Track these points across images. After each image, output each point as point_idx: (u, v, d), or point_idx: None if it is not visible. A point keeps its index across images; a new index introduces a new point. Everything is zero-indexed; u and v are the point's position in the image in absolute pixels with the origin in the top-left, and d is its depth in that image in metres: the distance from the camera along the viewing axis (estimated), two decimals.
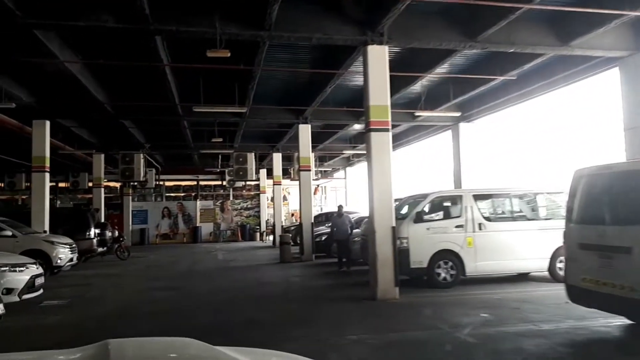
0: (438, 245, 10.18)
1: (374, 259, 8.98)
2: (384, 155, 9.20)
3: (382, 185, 9.13)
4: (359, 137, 22.84)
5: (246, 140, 21.77)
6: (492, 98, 15.36)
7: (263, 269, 14.87)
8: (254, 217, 31.48)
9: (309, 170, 16.92)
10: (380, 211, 9.06)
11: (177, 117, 16.05)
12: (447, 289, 10.00)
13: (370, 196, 9.22)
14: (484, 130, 17.60)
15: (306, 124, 16.78)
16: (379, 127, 9.20)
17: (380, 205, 9.08)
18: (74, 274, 14.07)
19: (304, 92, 15.09)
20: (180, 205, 30.47)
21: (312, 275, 12.85)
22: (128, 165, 21.12)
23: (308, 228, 16.52)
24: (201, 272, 14.62)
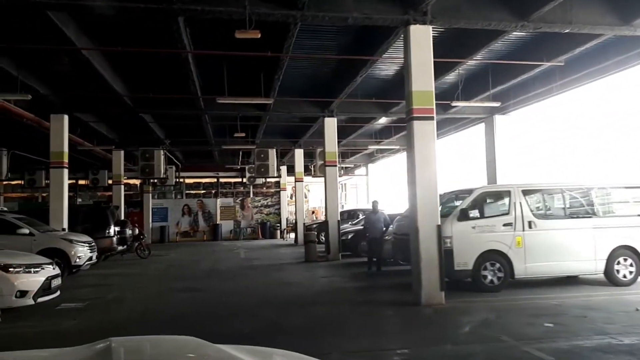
0: (484, 245, 9.31)
1: (418, 260, 8.16)
2: (428, 146, 8.38)
3: (426, 180, 8.30)
4: (384, 131, 22.00)
5: (267, 136, 21.09)
6: (530, 88, 14.42)
7: (288, 269, 14.15)
8: (274, 215, 30.84)
9: (335, 166, 16.13)
10: (424, 208, 8.24)
11: (198, 111, 15.40)
12: (495, 292, 9.14)
13: (412, 192, 8.40)
14: (520, 122, 16.64)
15: (332, 117, 16.00)
16: (423, 115, 8.37)
17: (423, 201, 8.25)
18: (93, 274, 13.51)
19: (330, 84, 14.33)
20: (200, 203, 29.95)
21: (342, 276, 12.07)
22: (148, 162, 20.62)
23: (334, 226, 15.75)
24: (224, 271, 13.94)
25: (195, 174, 29.95)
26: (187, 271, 14.40)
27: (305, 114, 16.38)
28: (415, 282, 8.29)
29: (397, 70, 13.94)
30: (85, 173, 28.14)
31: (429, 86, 8.44)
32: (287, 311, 8.00)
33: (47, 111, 14.68)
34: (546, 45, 11.26)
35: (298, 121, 19.16)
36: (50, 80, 13.46)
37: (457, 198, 10.52)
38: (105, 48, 10.74)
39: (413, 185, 8.36)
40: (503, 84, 13.32)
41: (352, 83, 12.86)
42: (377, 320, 7.33)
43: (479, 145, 17.83)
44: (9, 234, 12.32)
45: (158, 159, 20.69)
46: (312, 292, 9.95)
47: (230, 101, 12.26)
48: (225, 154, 26.63)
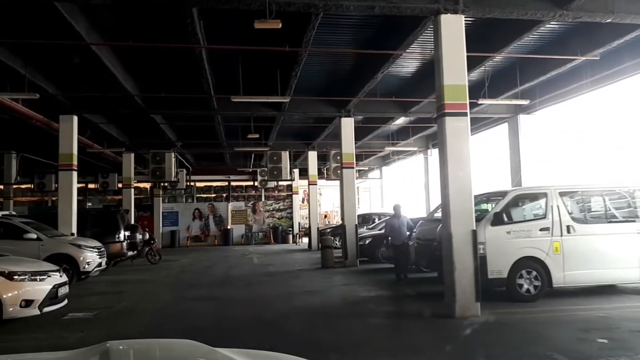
0: (520, 252, 8.66)
1: (451, 269, 7.53)
2: (461, 144, 7.76)
3: (459, 181, 7.68)
4: (401, 132, 21.37)
5: (280, 138, 20.56)
6: (558, 85, 13.75)
7: (305, 276, 13.55)
8: (286, 219, 30.28)
9: (352, 168, 15.52)
10: (457, 212, 7.62)
11: (211, 112, 14.89)
12: (531, 302, 8.49)
13: (444, 194, 7.79)
14: (546, 122, 15.94)
15: (349, 117, 15.42)
16: (455, 110, 7.76)
17: (457, 204, 7.63)
18: (103, 280, 13.01)
19: (348, 82, 13.76)
20: (211, 207, 29.47)
21: (363, 284, 11.45)
22: (159, 165, 20.18)
23: (352, 230, 15.13)
24: (239, 278, 13.38)
25: (206, 177, 29.50)
26: (200, 278, 13.86)
27: (320, 114, 15.81)
28: (447, 292, 7.67)
29: (418, 68, 13.37)
30: (95, 176, 27.73)
31: (462, 80, 7.83)
32: (312, 323, 7.40)
33: (56, 112, 14.25)
34: (580, 38, 10.62)
35: (312, 122, 18.61)
36: (59, 79, 13.01)
37: (488, 201, 9.90)
38: (116, 43, 10.24)
39: (445, 187, 7.75)
40: (530, 80, 12.65)
41: (372, 80, 12.28)
42: (410, 335, 6.70)
43: (502, 147, 17.17)
44: (16, 239, 11.90)
45: (169, 162, 20.24)
46: (335, 301, 9.34)
47: (245, 100, 11.71)
48: (236, 157, 26.13)
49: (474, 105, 14.58)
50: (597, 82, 12.65)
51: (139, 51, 11.19)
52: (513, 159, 16.05)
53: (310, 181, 22.79)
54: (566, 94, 14.00)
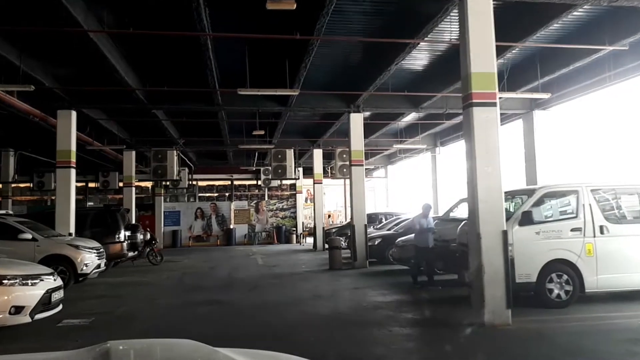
0: (550, 254, 8.03)
1: (479, 273, 6.91)
2: (490, 137, 7.14)
3: (488, 177, 7.06)
4: (408, 130, 20.75)
5: (285, 136, 19.95)
6: (577, 79, 13.12)
7: (313, 278, 12.93)
8: (289, 219, 29.67)
9: (361, 166, 14.90)
10: (486, 211, 6.99)
11: (215, 107, 14.27)
12: (562, 308, 7.88)
13: (472, 191, 7.16)
14: (563, 118, 15.32)
15: (358, 113, 14.80)
16: (484, 100, 7.14)
17: (486, 203, 7.00)
18: (102, 282, 12.40)
19: (357, 76, 13.17)
20: (213, 206, 28.86)
21: (376, 287, 10.82)
22: (160, 163, 19.54)
23: (361, 230, 14.51)
24: (244, 280, 12.76)
25: (209, 176, 28.89)
26: (204, 280, 13.25)
27: (328, 109, 15.18)
28: (475, 298, 7.04)
29: (430, 61, 12.75)
30: (95, 175, 27.17)
31: (491, 67, 7.21)
32: (329, 334, 6.77)
33: (54, 107, 13.66)
34: (608, 27, 10.00)
35: (319, 118, 18.00)
36: (57, 72, 12.45)
37: (513, 199, 9.27)
38: (115, 31, 9.61)
39: (472, 183, 7.13)
40: (551, 73, 12.03)
41: (385, 73, 11.68)
42: (439, 347, 6.09)
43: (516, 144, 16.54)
44: (11, 239, 11.28)
45: (171, 160, 19.60)
46: (349, 307, 8.70)
47: (252, 92, 11.09)
48: (239, 155, 25.57)
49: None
50: (620, 75, 12.01)
51: (141, 41, 10.59)
52: (528, 156, 15.41)
53: (315, 180, 22.18)
54: (585, 89, 13.35)
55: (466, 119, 7.32)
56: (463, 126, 7.60)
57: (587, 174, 14.62)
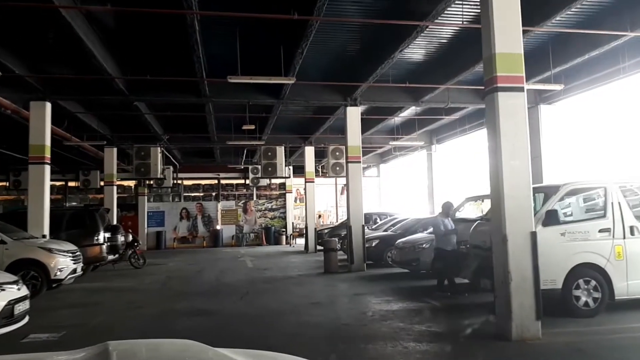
0: (576, 258, 7.25)
1: (506, 280, 6.08)
2: (517, 126, 6.31)
3: (515, 172, 6.24)
4: (405, 126, 19.92)
5: (275, 132, 19.04)
6: (588, 71, 12.43)
7: (308, 282, 12.04)
8: (279, 219, 28.73)
9: (358, 162, 14.05)
10: (513, 209, 6.17)
11: (202, 99, 13.28)
12: (590, 318, 7.10)
13: (496, 188, 6.33)
14: (569, 113, 14.63)
15: (355, 107, 13.94)
16: (510, 84, 6.31)
17: (513, 200, 6.18)
18: (78, 289, 11.39)
19: (356, 66, 12.33)
20: (199, 206, 27.79)
21: (378, 293, 9.95)
22: (143, 161, 18.56)
23: (359, 231, 13.65)
24: (233, 285, 11.83)
25: (195, 175, 27.82)
26: (190, 285, 12.28)
27: (323, 103, 14.28)
28: (501, 308, 6.21)
29: (434, 50, 11.94)
30: (75, 174, 26.05)
31: (517, 46, 6.38)
32: (335, 350, 5.88)
33: (27, 99, 12.60)
34: (630, 11, 9.25)
35: (311, 113, 17.11)
36: (29, 58, 11.36)
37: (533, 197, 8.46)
38: (90, 7, 8.59)
39: (497, 180, 6.29)
40: (564, 63, 11.27)
41: (387, 61, 10.83)
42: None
43: None
44: None
45: (155, 157, 18.63)
46: (353, 317, 7.81)
47: (243, 80, 10.14)
48: (227, 153, 24.56)
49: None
50: (634, 67, 11.32)
51: (120, 22, 9.63)
52: (533, 153, 14.50)
53: (307, 178, 21.28)
54: (595, 82, 12.67)
55: (490, 106, 6.49)
56: (486, 114, 6.76)
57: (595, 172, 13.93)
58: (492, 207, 6.52)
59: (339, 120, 17.64)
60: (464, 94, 14.44)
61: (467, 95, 14.48)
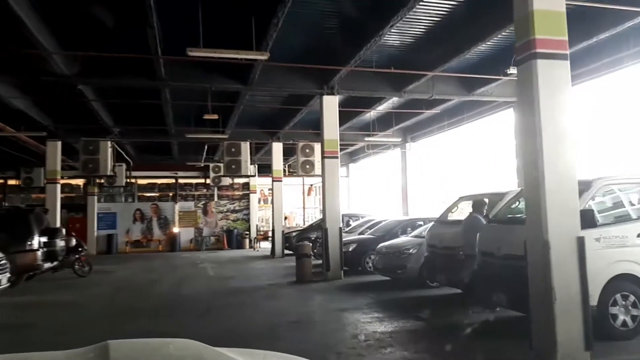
0: (613, 268, 6.02)
1: (547, 299, 4.75)
2: (561, 103, 5.04)
3: (560, 161, 4.93)
4: (382, 121, 18.60)
5: (240, 126, 17.33)
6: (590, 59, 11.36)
7: (281, 294, 10.51)
8: (242, 221, 26.96)
9: (336, 158, 12.60)
10: (557, 207, 4.88)
11: (157, 82, 11.51)
12: (629, 340, 5.89)
13: (533, 179, 5.02)
14: None
15: (333, 95, 12.50)
16: (553, 50, 5.04)
17: (555, 196, 4.89)
18: (4, 304, 9.47)
19: (335, 48, 10.89)
20: (155, 207, 25.70)
21: (365, 307, 8.53)
22: (92, 156, 16.62)
23: (336, 234, 12.20)
24: (193, 299, 10.16)
25: (150, 174, 25.70)
26: (142, 299, 10.52)
27: (297, 90, 12.74)
28: (541, 336, 4.89)
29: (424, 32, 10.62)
30: (16, 171, 23.55)
31: (560, 3, 5.08)
32: None
33: None
34: None
35: (281, 104, 15.53)
36: None
37: None
38: None
39: (535, 168, 4.98)
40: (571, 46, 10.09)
41: (373, 40, 9.41)
42: None
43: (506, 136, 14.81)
44: None
45: (104, 153, 16.70)
46: (345, 344, 6.28)
47: (206, 54, 8.46)
48: (186, 150, 22.67)
49: (489, 82, 12.13)
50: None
51: None
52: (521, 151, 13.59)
53: (274, 177, 19.67)
54: (596, 70, 11.57)
55: (525, 77, 5.16)
56: (518, 89, 5.47)
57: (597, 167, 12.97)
58: (527, 205, 5.19)
59: (311, 113, 16.19)
60: (449, 85, 13.24)
61: (452, 85, 13.28)
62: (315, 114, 16.03)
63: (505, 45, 11.22)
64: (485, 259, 7.12)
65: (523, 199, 7.80)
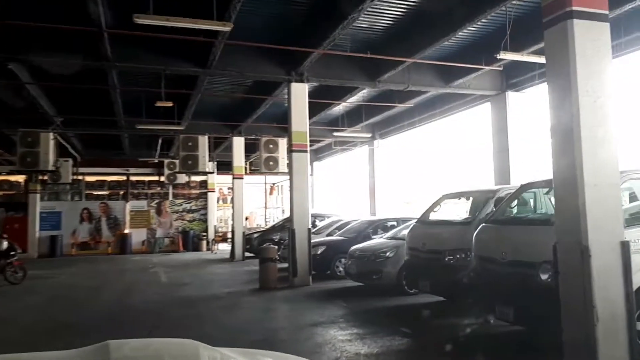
0: None
1: (587, 319, 3.78)
2: (602, 74, 4.05)
3: (600, 147, 3.97)
4: (351, 115, 17.61)
5: (198, 118, 15.98)
6: None
7: (244, 305, 9.28)
8: (199, 222, 25.43)
9: (305, 152, 11.47)
10: (597, 205, 3.92)
11: (103, 62, 10.05)
12: None
13: (568, 171, 4.03)
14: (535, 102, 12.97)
15: (302, 83, 11.36)
16: (591, 9, 4.07)
17: (597, 192, 3.91)
18: None
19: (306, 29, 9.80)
20: (104, 206, 23.82)
21: (341, 321, 7.44)
22: (31, 149, 14.97)
23: (304, 236, 11.06)
24: (141, 310, 8.81)
25: (99, 170, 23.81)
26: (81, 311, 9.06)
27: (263, 76, 11.47)
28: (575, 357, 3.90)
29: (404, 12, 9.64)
30: None
31: None
32: None
33: None
34: None
35: (243, 93, 14.23)
36: None
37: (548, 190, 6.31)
38: None
39: (571, 157, 3.98)
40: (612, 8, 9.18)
41: (349, 19, 8.36)
42: None
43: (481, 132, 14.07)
44: None
45: (45, 145, 15.03)
46: None
47: (157, 22, 7.15)
48: (138, 144, 21.04)
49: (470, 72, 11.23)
50: (633, 43, 9.63)
51: None
52: (499, 145, 12.86)
53: (235, 174, 18.33)
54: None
55: (556, 42, 4.19)
56: (547, 58, 4.44)
57: None
58: (559, 203, 4.21)
59: (276, 106, 15.07)
60: (426, 75, 12.34)
61: (429, 76, 12.38)
62: (281, 107, 14.91)
63: (488, 33, 10.41)
64: (484, 265, 6.15)
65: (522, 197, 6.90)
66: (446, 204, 9.28)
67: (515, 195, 6.78)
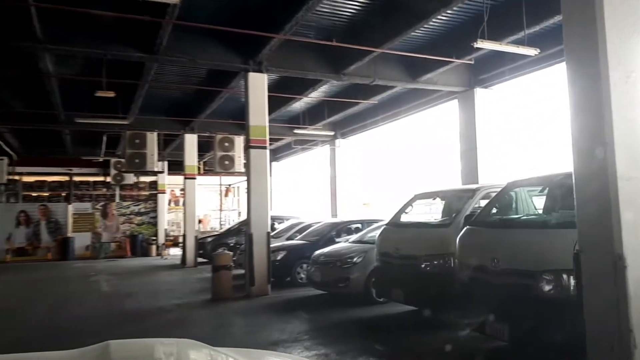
0: None
1: (623, 345, 3.03)
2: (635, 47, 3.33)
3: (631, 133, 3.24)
4: (312, 113, 16.75)
5: (146, 113, 14.76)
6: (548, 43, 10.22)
7: (194, 320, 8.24)
8: (148, 225, 23.97)
9: (264, 148, 10.52)
10: (631, 202, 3.16)
11: (36, 45, 8.78)
12: None
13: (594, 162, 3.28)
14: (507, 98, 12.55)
15: (260, 73, 10.39)
16: None
17: (628, 184, 3.17)
18: None
19: (266, 11, 8.85)
20: (44, 209, 21.99)
21: (307, 339, 6.54)
22: None
23: (263, 241, 10.10)
24: (75, 329, 7.61)
25: (38, 170, 22.04)
26: (5, 332, 7.75)
27: (217, 64, 10.39)
28: None
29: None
30: None
31: None
32: None
33: None
34: None
35: (196, 84, 13.09)
36: None
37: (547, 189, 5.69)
38: None
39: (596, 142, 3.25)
40: (535, 24, 8.74)
41: None
42: None
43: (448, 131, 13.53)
44: None
45: None
46: None
47: None
48: (82, 142, 19.46)
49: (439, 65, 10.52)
50: None
51: None
52: (466, 144, 12.32)
53: (187, 174, 17.11)
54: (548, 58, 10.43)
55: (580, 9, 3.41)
56: (565, 30, 3.66)
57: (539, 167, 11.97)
58: (582, 202, 3.45)
59: (232, 100, 14.05)
60: (393, 69, 11.64)
61: (396, 70, 11.69)
62: (238, 102, 13.91)
63: (460, 23, 9.80)
64: (472, 274, 5.39)
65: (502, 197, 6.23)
66: (418, 205, 8.57)
67: (502, 194, 6.09)
